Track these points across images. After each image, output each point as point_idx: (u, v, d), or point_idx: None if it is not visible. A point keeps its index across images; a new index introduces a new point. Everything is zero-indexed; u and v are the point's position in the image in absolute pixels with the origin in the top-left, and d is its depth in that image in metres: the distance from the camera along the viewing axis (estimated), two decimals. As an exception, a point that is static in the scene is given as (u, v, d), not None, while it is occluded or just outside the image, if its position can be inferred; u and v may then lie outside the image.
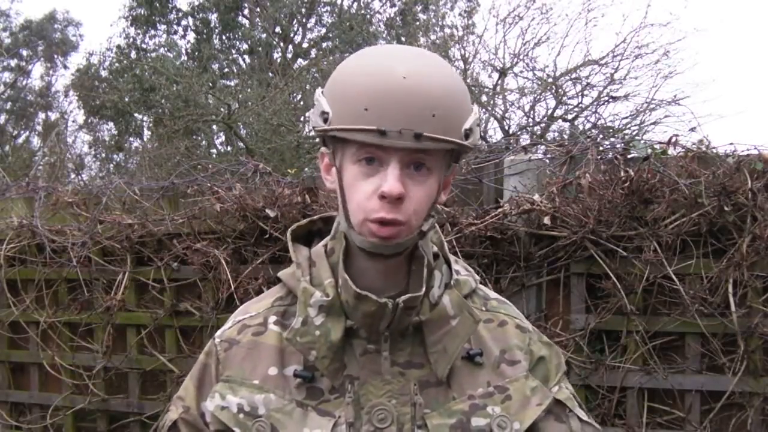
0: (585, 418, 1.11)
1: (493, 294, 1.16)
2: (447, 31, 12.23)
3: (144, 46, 14.38)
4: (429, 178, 0.98)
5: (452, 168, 1.05)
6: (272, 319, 1.09)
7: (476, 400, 1.05)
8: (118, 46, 14.41)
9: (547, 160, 2.61)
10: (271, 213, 2.68)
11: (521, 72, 10.10)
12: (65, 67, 17.92)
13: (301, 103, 11.76)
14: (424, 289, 1.02)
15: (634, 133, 8.72)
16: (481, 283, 1.16)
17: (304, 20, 14.43)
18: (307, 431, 1.01)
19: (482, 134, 9.64)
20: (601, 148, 2.58)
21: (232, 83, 13.42)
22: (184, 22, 14.63)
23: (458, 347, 1.04)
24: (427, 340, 1.03)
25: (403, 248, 1.00)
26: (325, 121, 0.98)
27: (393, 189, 0.94)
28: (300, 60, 14.20)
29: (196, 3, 14.12)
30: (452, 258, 1.12)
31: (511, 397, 1.06)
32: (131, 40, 14.38)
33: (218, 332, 1.13)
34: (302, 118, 11.12)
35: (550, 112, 9.84)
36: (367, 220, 0.97)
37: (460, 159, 1.07)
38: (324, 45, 14.30)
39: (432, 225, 1.03)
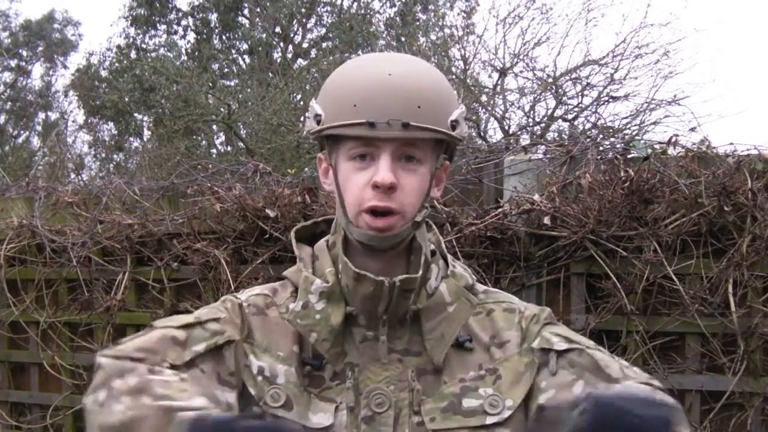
0: (562, 346, 1.05)
1: (481, 287, 1.17)
2: (447, 31, 12.22)
3: (144, 46, 14.38)
4: (420, 169, 1.03)
5: (444, 162, 1.08)
6: (291, 305, 1.10)
7: (467, 383, 1.06)
8: (118, 46, 14.42)
9: (547, 160, 2.61)
10: (271, 213, 2.68)
11: (521, 72, 10.09)
12: (65, 67, 17.93)
13: (301, 103, 11.75)
14: (421, 271, 1.04)
15: (634, 133, 8.71)
16: (478, 282, 1.18)
17: (304, 20, 14.43)
18: (311, 415, 1.03)
19: (482, 134, 9.68)
20: (601, 148, 2.59)
21: (232, 83, 13.42)
22: (184, 22, 14.64)
23: (454, 333, 1.06)
24: (424, 327, 1.06)
25: (399, 240, 1.04)
26: (318, 123, 1.04)
27: (385, 178, 0.99)
28: (300, 60, 14.20)
29: (196, 3, 14.13)
30: (450, 257, 1.16)
31: (501, 377, 1.07)
32: (131, 40, 14.38)
33: (242, 294, 1.12)
34: (302, 118, 11.11)
35: (550, 112, 9.84)
36: (362, 210, 1.01)
37: (452, 154, 1.11)
38: (324, 45, 14.30)
39: (425, 216, 1.07)
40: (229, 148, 12.23)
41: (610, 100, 9.43)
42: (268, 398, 1.04)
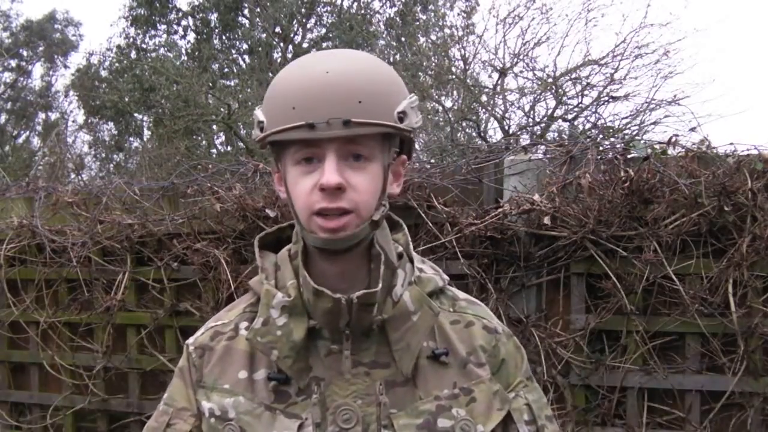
0: None
1: (462, 294, 1.16)
2: (447, 31, 12.22)
3: (144, 46, 14.39)
4: (369, 165, 0.99)
5: (397, 157, 1.05)
6: (243, 324, 1.10)
7: (442, 401, 1.05)
8: (118, 46, 14.42)
9: (547, 160, 2.61)
10: (271, 213, 2.68)
11: (521, 72, 10.11)
12: (65, 67, 17.94)
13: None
14: (380, 285, 1.01)
15: (634, 133, 8.72)
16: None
17: (304, 20, 14.43)
18: None
19: (482, 134, 9.67)
20: (601, 148, 2.58)
21: (232, 83, 13.42)
22: (184, 22, 14.64)
23: (420, 342, 1.04)
24: (391, 338, 1.04)
25: (356, 240, 1.00)
26: (262, 130, 1.00)
27: (330, 180, 0.95)
28: (300, 60, 14.18)
29: (196, 3, 14.13)
30: (418, 258, 1.13)
31: (475, 399, 1.06)
32: (131, 40, 14.39)
33: (190, 339, 1.14)
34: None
35: (550, 112, 9.85)
36: (312, 213, 0.98)
37: (408, 147, 1.08)
38: (324, 45, 14.30)
39: (383, 214, 1.03)
40: (229, 148, 12.24)
41: (610, 100, 9.45)
42: None
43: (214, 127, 12.56)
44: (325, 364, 1.04)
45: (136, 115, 13.65)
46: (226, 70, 14.12)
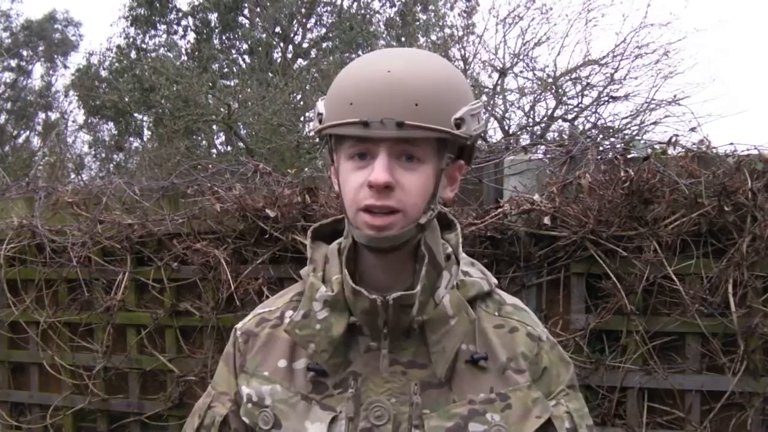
0: None
1: (510, 299, 1.15)
2: (447, 31, 12.22)
3: (144, 46, 14.39)
4: (421, 167, 0.99)
5: (453, 161, 1.04)
6: (289, 313, 1.12)
7: (476, 405, 1.04)
8: (118, 46, 14.42)
9: (547, 160, 2.61)
10: (271, 213, 2.68)
11: (521, 72, 10.11)
12: (65, 67, 17.94)
13: (301, 103, 11.76)
14: (419, 287, 1.02)
15: (634, 133, 8.71)
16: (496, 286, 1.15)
17: (304, 20, 14.43)
18: (308, 424, 1.04)
19: (482, 134, 9.68)
20: (601, 148, 2.58)
21: (232, 83, 13.41)
22: (184, 22, 14.65)
23: (455, 347, 1.04)
24: (429, 340, 1.04)
25: (401, 241, 1.00)
26: (320, 122, 1.02)
27: (378, 178, 0.96)
28: (300, 60, 14.21)
29: (196, 3, 14.13)
30: (466, 260, 1.13)
31: (511, 406, 1.05)
32: (131, 40, 14.39)
33: (239, 324, 1.17)
34: (302, 118, 11.13)
35: (550, 112, 9.84)
36: (360, 209, 0.99)
37: (467, 153, 1.07)
38: (324, 45, 14.31)
39: (431, 218, 1.03)
40: (229, 148, 12.24)
41: (610, 100, 9.44)
42: (261, 422, 1.07)
43: (214, 127, 12.54)
44: (363, 360, 1.05)
45: (136, 115, 13.65)
46: (226, 70, 14.11)
